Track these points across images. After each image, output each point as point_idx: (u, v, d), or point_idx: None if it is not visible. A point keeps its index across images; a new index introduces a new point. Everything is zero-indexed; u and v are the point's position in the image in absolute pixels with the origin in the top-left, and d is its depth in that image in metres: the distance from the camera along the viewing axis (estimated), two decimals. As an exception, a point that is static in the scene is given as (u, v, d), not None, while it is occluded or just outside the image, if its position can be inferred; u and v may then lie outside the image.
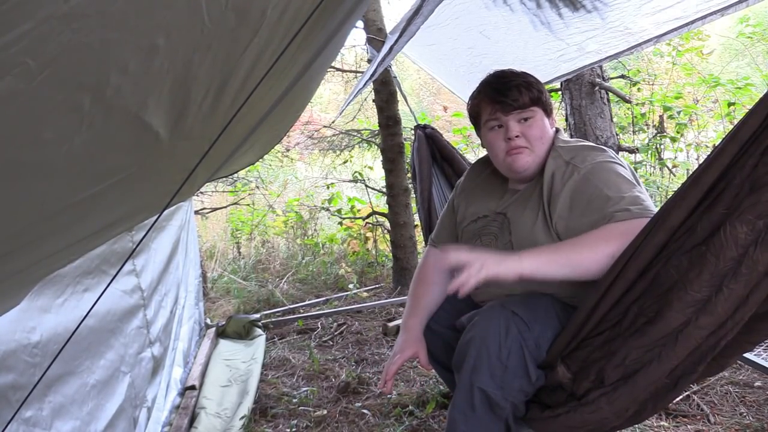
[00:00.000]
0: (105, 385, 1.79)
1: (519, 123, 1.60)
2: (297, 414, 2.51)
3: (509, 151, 1.60)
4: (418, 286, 1.85)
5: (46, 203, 0.99)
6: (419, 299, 1.82)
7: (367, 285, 4.74)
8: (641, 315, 1.24)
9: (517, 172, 1.63)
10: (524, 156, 1.60)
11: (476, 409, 1.44)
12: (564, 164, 1.56)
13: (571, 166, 1.54)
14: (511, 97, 1.58)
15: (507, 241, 1.63)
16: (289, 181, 7.35)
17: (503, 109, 1.60)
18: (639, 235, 1.28)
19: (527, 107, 1.60)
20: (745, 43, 5.86)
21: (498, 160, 1.67)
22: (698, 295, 1.13)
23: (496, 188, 1.75)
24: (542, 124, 1.62)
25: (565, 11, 2.32)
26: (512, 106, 1.59)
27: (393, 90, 4.10)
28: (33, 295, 1.45)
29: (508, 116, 1.60)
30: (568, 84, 4.18)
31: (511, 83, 1.61)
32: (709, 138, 5.22)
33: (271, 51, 1.22)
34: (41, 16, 0.58)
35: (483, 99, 1.65)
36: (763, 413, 2.17)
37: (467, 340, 1.48)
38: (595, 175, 1.50)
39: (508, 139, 1.60)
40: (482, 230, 1.71)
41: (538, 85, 1.64)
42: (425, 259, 1.92)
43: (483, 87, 1.68)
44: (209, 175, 2.70)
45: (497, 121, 1.62)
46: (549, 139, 1.63)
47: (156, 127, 1.07)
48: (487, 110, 1.64)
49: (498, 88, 1.62)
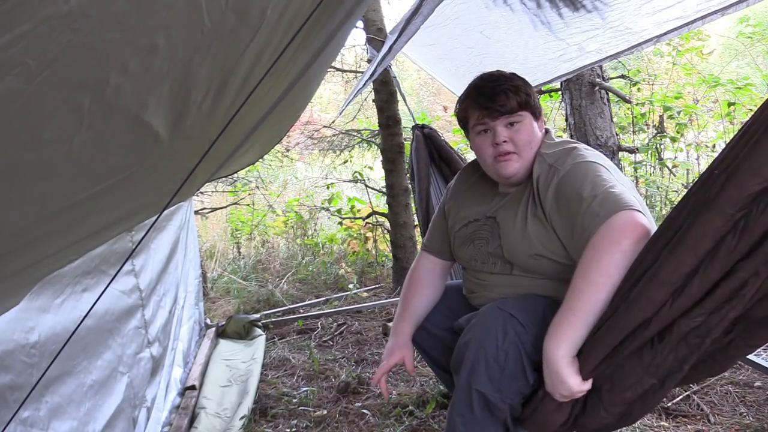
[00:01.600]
0: (102, 386, 1.79)
1: (506, 128, 1.58)
2: (297, 414, 2.51)
3: (497, 156, 1.59)
4: (409, 290, 1.85)
5: (46, 203, 0.99)
6: (409, 303, 1.83)
7: (367, 285, 4.74)
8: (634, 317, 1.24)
9: (505, 178, 1.62)
10: (512, 162, 1.58)
11: (475, 411, 1.44)
12: (547, 168, 1.55)
13: (553, 169, 1.53)
14: (498, 102, 1.56)
15: (497, 245, 1.62)
16: (289, 181, 7.35)
17: (491, 114, 1.58)
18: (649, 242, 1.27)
19: (515, 112, 1.58)
20: (745, 43, 5.86)
21: (486, 165, 1.65)
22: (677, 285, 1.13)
23: (486, 192, 1.74)
24: (530, 128, 1.60)
25: (566, 11, 2.32)
26: (500, 111, 1.57)
27: (393, 90, 4.10)
28: (32, 295, 1.45)
29: (496, 121, 1.58)
30: (568, 84, 4.18)
31: (498, 88, 1.58)
32: (709, 138, 5.22)
33: (271, 51, 1.22)
34: (41, 17, 0.58)
35: (470, 104, 1.63)
36: (763, 413, 2.17)
37: (465, 342, 1.48)
38: (571, 176, 1.49)
39: (496, 144, 1.58)
40: (474, 234, 1.71)
41: (526, 88, 1.62)
42: (417, 264, 1.91)
43: (470, 91, 1.66)
44: (209, 175, 2.70)
45: (485, 126, 1.61)
46: (537, 143, 1.61)
47: (156, 127, 1.07)
48: (475, 115, 1.62)
49: (485, 93, 1.60)
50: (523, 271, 1.59)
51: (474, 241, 1.70)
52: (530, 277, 1.58)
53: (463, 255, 1.75)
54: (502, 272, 1.63)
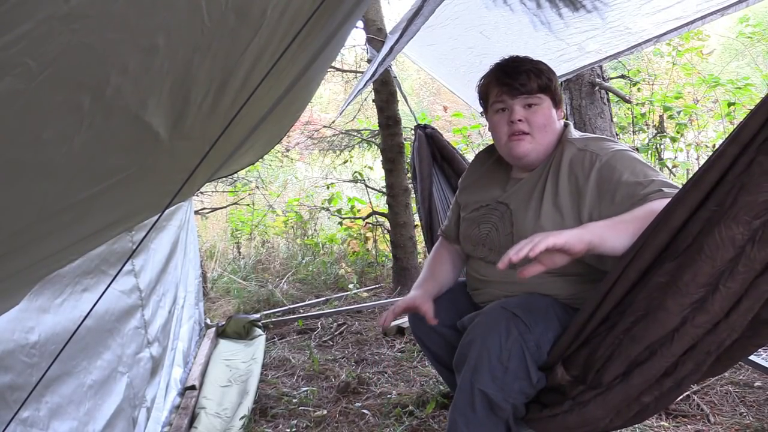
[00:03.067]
0: (102, 386, 1.79)
1: (524, 108, 1.59)
2: (297, 414, 2.51)
3: (510, 135, 1.60)
4: (434, 260, 1.87)
5: (46, 203, 0.99)
6: (435, 269, 1.84)
7: (367, 285, 4.74)
8: (640, 318, 1.24)
9: (516, 158, 1.62)
10: (524, 143, 1.58)
11: (477, 411, 1.43)
12: (578, 152, 1.54)
13: (589, 154, 1.52)
14: (519, 80, 1.57)
15: (508, 232, 1.61)
16: (289, 181, 7.35)
17: (510, 92, 1.59)
18: (639, 238, 1.27)
19: (534, 93, 1.58)
20: (745, 43, 5.86)
21: (500, 144, 1.66)
22: (696, 296, 1.13)
23: (500, 177, 1.74)
24: (548, 112, 1.60)
25: (565, 11, 2.32)
26: (519, 90, 1.58)
27: (393, 90, 4.10)
28: (32, 295, 1.45)
29: (514, 100, 1.59)
30: (568, 84, 4.17)
31: (521, 67, 1.60)
32: (709, 138, 5.21)
33: (271, 51, 1.22)
34: (41, 17, 0.58)
35: (492, 80, 1.65)
36: (763, 413, 2.17)
37: (468, 341, 1.48)
38: (619, 162, 1.48)
39: (511, 122, 1.59)
40: (481, 218, 1.70)
41: (549, 74, 1.63)
42: (437, 248, 1.93)
43: (494, 69, 1.67)
44: (209, 175, 2.70)
45: (503, 104, 1.61)
46: (555, 131, 1.61)
47: (156, 127, 1.07)
48: (495, 92, 1.63)
49: (507, 71, 1.61)
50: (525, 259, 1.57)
51: (480, 225, 1.70)
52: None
53: (468, 239, 1.74)
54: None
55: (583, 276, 1.54)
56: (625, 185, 1.43)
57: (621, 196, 1.43)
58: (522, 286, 1.57)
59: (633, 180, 1.43)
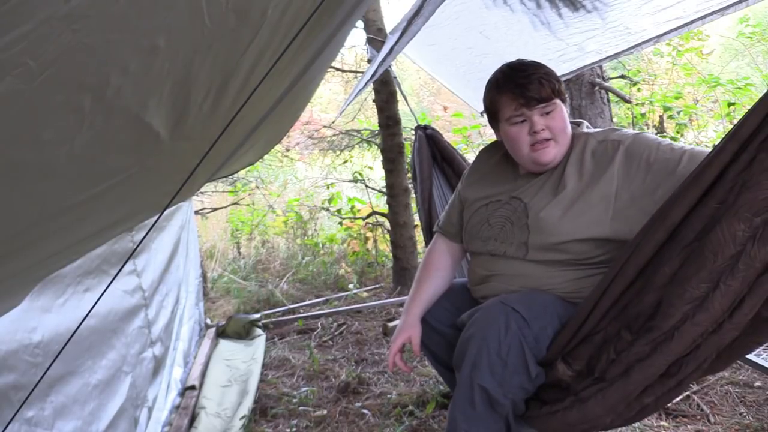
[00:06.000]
0: (107, 385, 1.79)
1: (542, 116, 1.59)
2: (297, 414, 2.51)
3: (534, 145, 1.59)
4: (423, 272, 1.87)
5: (47, 204, 0.99)
6: (422, 285, 1.83)
7: (367, 285, 4.74)
8: (640, 313, 1.25)
9: (543, 165, 1.62)
10: (550, 149, 1.59)
11: (476, 407, 1.44)
12: (598, 143, 1.58)
13: (611, 142, 1.56)
14: (534, 91, 1.57)
15: (523, 223, 1.61)
16: (289, 181, 7.35)
17: (528, 104, 1.58)
18: (639, 233, 1.28)
19: (550, 100, 1.59)
20: (745, 43, 5.86)
21: (521, 154, 1.64)
22: (696, 292, 1.14)
23: (508, 173, 1.74)
24: (563, 115, 1.62)
25: (565, 11, 2.32)
26: (536, 100, 1.57)
27: (393, 90, 4.10)
28: (34, 295, 1.46)
29: (532, 111, 1.58)
30: (568, 84, 4.17)
31: (532, 77, 1.59)
32: (709, 138, 5.21)
33: (271, 51, 1.22)
34: (42, 17, 0.58)
35: (504, 94, 1.62)
36: (763, 413, 2.17)
37: (467, 337, 1.48)
38: (644, 140, 1.52)
39: (534, 132, 1.59)
40: (492, 214, 1.70)
41: (555, 76, 1.64)
42: (432, 247, 1.92)
43: (503, 81, 1.64)
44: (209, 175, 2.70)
45: (522, 117, 1.61)
46: (569, 128, 1.64)
47: (156, 127, 1.07)
48: (511, 106, 1.61)
49: (520, 82, 1.60)
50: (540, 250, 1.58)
51: (490, 220, 1.70)
52: (543, 265, 1.57)
53: (477, 235, 1.73)
54: (515, 256, 1.61)
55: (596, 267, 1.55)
56: (657, 161, 1.47)
57: (653, 172, 1.46)
58: (527, 280, 1.58)
59: (663, 158, 1.46)
